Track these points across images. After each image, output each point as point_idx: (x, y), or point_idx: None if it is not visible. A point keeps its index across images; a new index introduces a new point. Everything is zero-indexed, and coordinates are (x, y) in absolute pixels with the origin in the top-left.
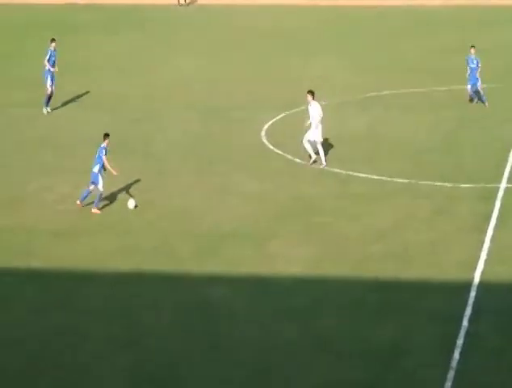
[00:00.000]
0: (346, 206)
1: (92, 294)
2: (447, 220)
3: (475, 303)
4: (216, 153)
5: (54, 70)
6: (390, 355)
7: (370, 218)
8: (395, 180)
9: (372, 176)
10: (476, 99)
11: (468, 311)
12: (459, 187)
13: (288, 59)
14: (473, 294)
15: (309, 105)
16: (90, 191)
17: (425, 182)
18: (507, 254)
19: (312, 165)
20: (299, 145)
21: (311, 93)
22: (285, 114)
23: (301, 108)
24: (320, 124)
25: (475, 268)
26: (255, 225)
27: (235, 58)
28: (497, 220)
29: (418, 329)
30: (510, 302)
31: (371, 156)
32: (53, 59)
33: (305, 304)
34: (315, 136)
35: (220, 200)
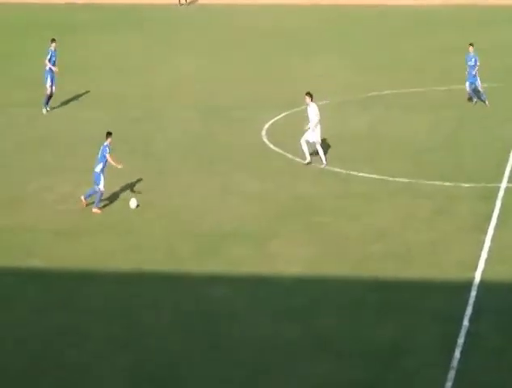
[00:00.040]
0: (347, 206)
1: (93, 294)
2: (448, 219)
3: (475, 303)
4: (217, 152)
5: (55, 70)
6: (390, 355)
7: (370, 218)
8: (395, 180)
9: (373, 176)
10: (476, 99)
11: (469, 311)
12: (459, 186)
13: (289, 58)
14: (474, 294)
15: (308, 107)
16: (96, 191)
17: (425, 181)
18: (508, 253)
19: (306, 165)
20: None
21: (309, 95)
22: (286, 113)
23: (302, 108)
24: (318, 125)
25: (475, 268)
26: (256, 224)
27: (236, 58)
28: (498, 219)
29: (419, 329)
30: (511, 302)
31: (372, 155)
32: (54, 59)
33: (305, 304)
34: (314, 137)
35: (221, 200)
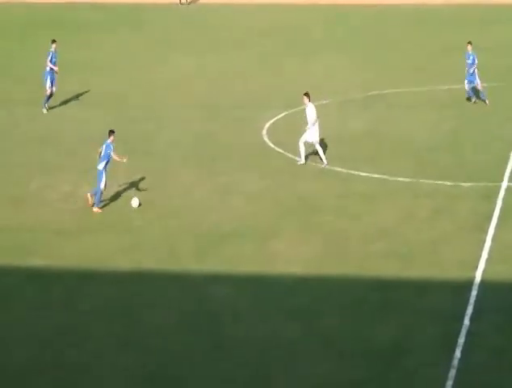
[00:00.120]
0: (348, 205)
1: (93, 293)
2: (449, 219)
3: (476, 302)
4: (217, 152)
5: (56, 70)
6: (392, 354)
7: (371, 217)
8: (396, 179)
9: (374, 175)
10: (475, 98)
11: (470, 310)
12: (460, 185)
13: (290, 58)
14: (474, 293)
15: (306, 107)
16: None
17: (426, 181)
18: (508, 253)
19: (299, 165)
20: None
21: (307, 95)
22: (286, 113)
23: (302, 107)
24: (316, 125)
25: (476, 267)
26: (256, 223)
27: (236, 57)
28: (499, 219)
29: (420, 328)
30: (511, 301)
31: (373, 155)
32: (54, 60)
33: (307, 303)
34: (312, 137)
35: (221, 199)
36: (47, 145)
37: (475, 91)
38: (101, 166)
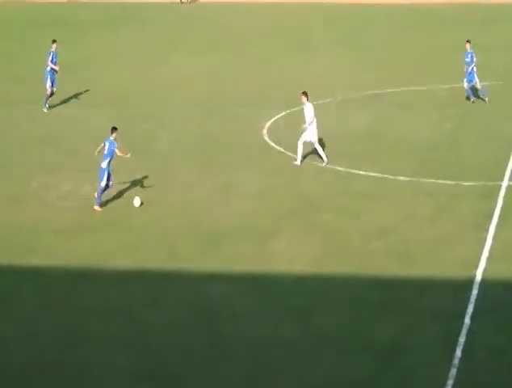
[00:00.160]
0: (348, 204)
1: (93, 292)
2: (449, 218)
3: (477, 301)
4: (218, 150)
5: (57, 70)
6: (391, 353)
7: (371, 216)
8: (396, 178)
9: (374, 174)
10: (473, 98)
11: (470, 309)
12: (461, 184)
13: (291, 57)
14: (475, 292)
15: (304, 106)
16: (109, 185)
17: (426, 180)
18: (509, 252)
19: (293, 163)
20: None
21: (305, 94)
22: (287, 112)
23: (302, 106)
24: (315, 125)
25: (477, 266)
26: (256, 222)
27: (237, 56)
28: (499, 217)
29: (420, 327)
30: None
31: (373, 154)
32: (55, 60)
33: (306, 302)
34: (310, 136)
35: (222, 198)
36: (47, 145)
37: (474, 90)
38: (104, 164)
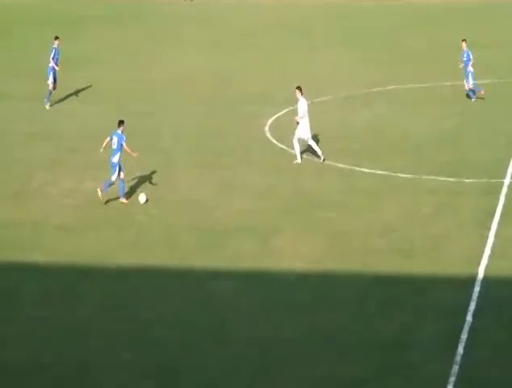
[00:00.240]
0: (350, 201)
1: (95, 288)
2: (451, 215)
3: (479, 298)
4: (220, 147)
5: (57, 69)
6: (394, 350)
7: (373, 213)
8: (398, 175)
9: (376, 171)
10: (474, 97)
11: (472, 306)
12: (463, 182)
13: (293, 54)
14: (477, 289)
15: (298, 101)
16: (122, 180)
17: (428, 177)
18: (511, 249)
19: (294, 162)
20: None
21: (299, 89)
22: (289, 109)
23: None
24: (307, 121)
25: (479, 263)
26: (259, 219)
27: (240, 53)
28: (501, 215)
29: (422, 324)
30: None
31: (375, 151)
32: (57, 56)
33: (309, 299)
34: (304, 134)
35: (225, 195)
36: (48, 141)
37: (472, 92)
38: (115, 158)
